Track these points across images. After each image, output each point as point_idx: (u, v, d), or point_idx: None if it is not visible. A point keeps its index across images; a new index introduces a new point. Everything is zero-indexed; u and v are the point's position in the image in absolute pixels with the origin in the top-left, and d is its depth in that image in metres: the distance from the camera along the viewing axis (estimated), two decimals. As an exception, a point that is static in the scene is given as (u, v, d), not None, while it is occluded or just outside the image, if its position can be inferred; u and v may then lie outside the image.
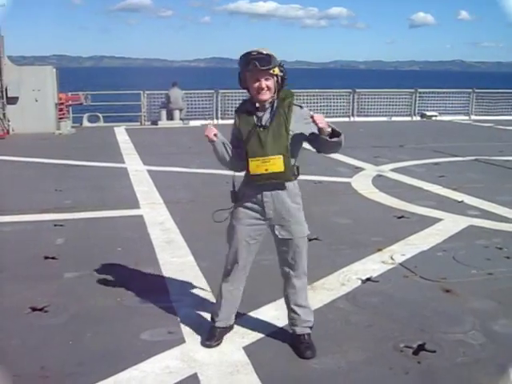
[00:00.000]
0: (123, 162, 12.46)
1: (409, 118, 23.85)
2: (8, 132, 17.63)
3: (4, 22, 17.19)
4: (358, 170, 11.55)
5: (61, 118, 18.98)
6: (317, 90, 24.21)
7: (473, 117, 24.20)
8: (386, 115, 23.70)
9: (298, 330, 4.15)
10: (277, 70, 3.75)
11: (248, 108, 3.90)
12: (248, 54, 3.72)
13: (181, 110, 20.86)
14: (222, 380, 3.71)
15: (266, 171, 3.80)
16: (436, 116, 23.89)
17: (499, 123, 21.41)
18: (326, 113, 23.10)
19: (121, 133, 18.15)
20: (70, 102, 21.02)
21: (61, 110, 19.31)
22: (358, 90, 23.79)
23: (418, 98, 24.18)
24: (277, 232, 3.98)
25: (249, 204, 3.97)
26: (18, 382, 3.67)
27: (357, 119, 23.09)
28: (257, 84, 3.74)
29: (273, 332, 4.35)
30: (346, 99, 23.45)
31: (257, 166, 3.81)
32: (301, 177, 4.05)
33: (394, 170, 11.47)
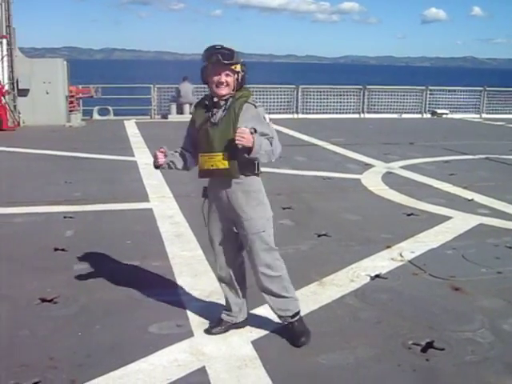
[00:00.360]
0: (133, 156, 12.49)
1: (419, 116, 23.76)
2: (19, 124, 17.70)
3: (16, 14, 17.22)
4: (368, 166, 11.51)
5: (71, 111, 19.04)
6: (327, 86, 24.15)
7: (484, 115, 24.08)
8: (396, 112, 23.62)
9: (279, 318, 4.23)
10: (238, 67, 3.80)
11: (205, 103, 3.93)
12: (212, 47, 3.75)
13: (191, 104, 20.85)
14: (230, 373, 3.72)
15: (212, 167, 3.87)
16: (447, 114, 23.78)
17: (510, 122, 21.30)
18: (337, 109, 23.10)
19: (131, 126, 18.18)
20: (81, 95, 21.07)
21: (71, 102, 19.37)
22: (368, 87, 23.70)
23: (428, 96, 24.09)
24: (234, 227, 4.06)
25: (212, 199, 4.08)
26: (26, 372, 3.69)
27: (367, 116, 23.02)
28: (217, 78, 3.77)
29: (281, 327, 4.32)
30: (357, 96, 23.39)
31: (204, 161, 3.90)
32: (310, 173, 4.06)
33: (403, 168, 11.43)
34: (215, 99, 3.85)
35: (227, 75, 3.76)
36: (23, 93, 17.88)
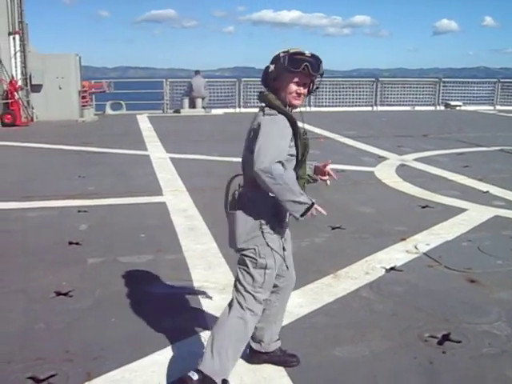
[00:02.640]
0: (146, 150, 12.51)
1: (432, 108, 23.63)
2: (32, 119, 17.79)
3: (30, 33, 17.21)
4: (382, 159, 11.46)
5: (84, 106, 19.12)
6: (340, 79, 24.11)
7: (498, 107, 23.90)
8: (409, 104, 23.50)
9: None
10: (318, 77, 3.30)
11: (285, 111, 3.27)
12: (300, 53, 3.17)
13: (203, 98, 20.87)
14: (246, 366, 3.70)
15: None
16: (460, 106, 23.63)
17: (525, 113, 21.14)
18: (349, 102, 23.01)
19: (143, 120, 18.22)
20: (94, 90, 21.15)
21: (84, 97, 19.44)
22: (381, 79, 23.60)
23: (441, 88, 23.93)
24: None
25: (285, 224, 3.62)
26: (42, 366, 3.69)
27: (380, 108, 22.91)
28: (297, 88, 3.21)
29: (296, 319, 4.32)
30: (369, 88, 23.28)
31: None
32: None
33: (417, 160, 11.36)
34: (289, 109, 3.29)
35: (305, 85, 3.24)
36: (36, 88, 17.96)
